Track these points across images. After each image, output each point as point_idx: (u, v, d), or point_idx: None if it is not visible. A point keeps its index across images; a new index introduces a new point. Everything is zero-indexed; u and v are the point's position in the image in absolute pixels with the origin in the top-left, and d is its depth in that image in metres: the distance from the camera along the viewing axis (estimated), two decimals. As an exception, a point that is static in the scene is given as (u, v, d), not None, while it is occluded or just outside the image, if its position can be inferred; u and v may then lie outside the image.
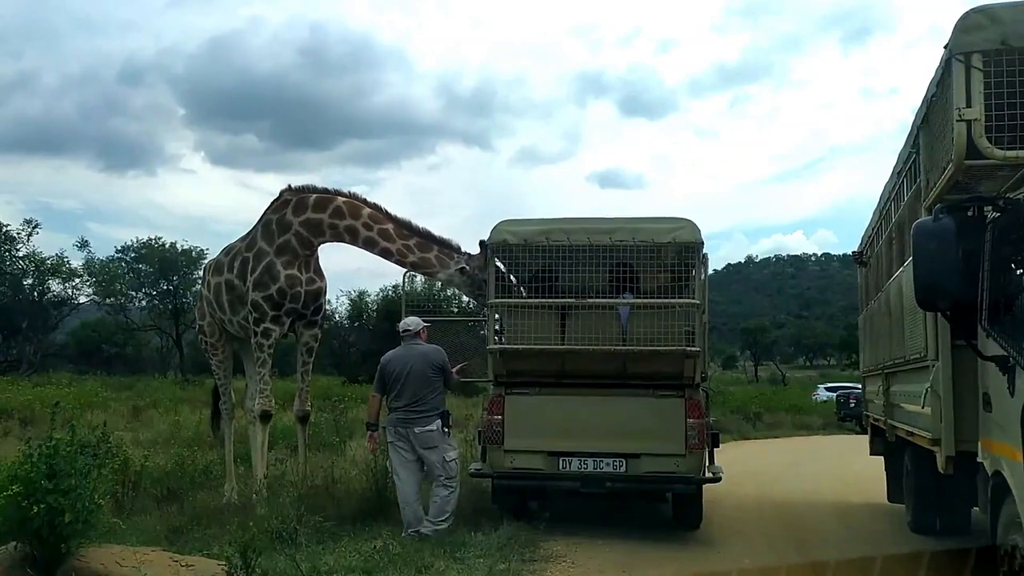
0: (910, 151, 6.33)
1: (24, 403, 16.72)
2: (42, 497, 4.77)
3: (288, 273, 7.84)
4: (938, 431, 5.22)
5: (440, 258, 7.68)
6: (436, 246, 7.73)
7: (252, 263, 7.95)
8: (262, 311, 7.82)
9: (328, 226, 7.79)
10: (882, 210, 8.07)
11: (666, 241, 7.07)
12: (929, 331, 5.43)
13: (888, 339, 7.38)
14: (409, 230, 7.76)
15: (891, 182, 7.46)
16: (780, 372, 57.02)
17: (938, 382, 5.21)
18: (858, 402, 23.10)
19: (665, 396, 7.13)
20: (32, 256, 37.85)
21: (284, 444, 11.23)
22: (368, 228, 7.73)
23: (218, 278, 8.42)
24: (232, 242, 8.61)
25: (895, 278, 6.84)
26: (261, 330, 7.87)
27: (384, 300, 33.74)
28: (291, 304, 7.87)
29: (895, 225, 7.16)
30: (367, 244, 7.76)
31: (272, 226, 7.94)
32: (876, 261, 8.52)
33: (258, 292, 7.83)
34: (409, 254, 7.70)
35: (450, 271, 7.67)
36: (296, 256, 7.88)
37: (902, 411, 6.93)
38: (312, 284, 8.02)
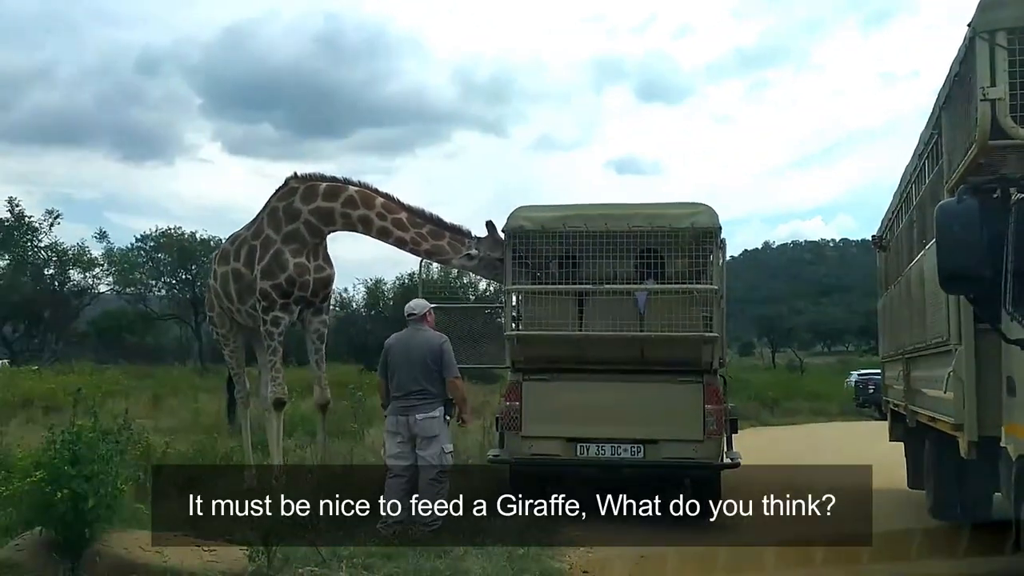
0: (931, 132, 6.24)
1: (47, 391, 16.90)
2: (66, 483, 4.84)
3: (297, 261, 7.85)
4: (961, 416, 5.13)
5: (453, 245, 7.69)
6: (448, 233, 7.74)
7: (259, 251, 7.95)
8: (271, 299, 7.84)
9: (340, 215, 7.79)
10: (902, 193, 7.93)
11: (684, 226, 7.03)
12: (952, 315, 5.32)
13: (909, 324, 7.26)
14: (422, 218, 7.76)
15: (912, 164, 7.35)
16: (798, 359, 56.73)
17: (961, 366, 5.11)
18: (877, 388, 23.04)
19: (683, 382, 7.11)
20: (54, 246, 38.22)
21: (302, 431, 11.31)
22: (382, 218, 7.73)
23: (225, 267, 8.43)
24: (237, 230, 8.62)
25: (916, 262, 6.73)
26: (270, 318, 7.89)
27: (401, 288, 33.81)
28: (300, 292, 7.90)
29: (916, 208, 7.06)
30: (381, 234, 7.76)
31: (279, 214, 7.94)
32: (896, 245, 8.38)
33: (266, 280, 7.85)
34: (423, 242, 7.71)
35: (462, 257, 7.68)
36: (305, 244, 7.89)
37: (923, 396, 6.84)
38: (321, 272, 8.05)
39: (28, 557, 5.01)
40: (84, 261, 39.13)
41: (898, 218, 8.26)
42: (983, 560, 4.90)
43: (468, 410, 6.71)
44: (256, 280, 7.94)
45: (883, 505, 8.55)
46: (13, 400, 16.44)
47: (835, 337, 75.73)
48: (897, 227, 8.33)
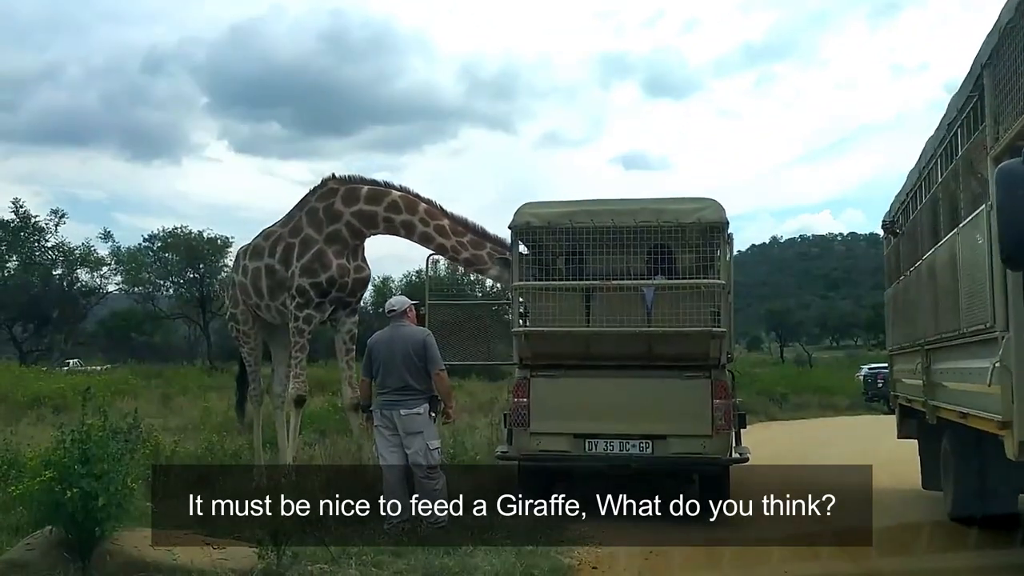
0: (968, 96, 5.73)
1: (56, 391, 16.97)
2: (75, 482, 4.84)
3: (339, 263, 7.98)
4: (1009, 412, 4.56)
5: (491, 255, 7.83)
6: (489, 243, 7.87)
7: (299, 249, 8.02)
8: (307, 297, 7.92)
9: (383, 219, 7.90)
10: (923, 170, 7.42)
11: (690, 221, 7.02)
12: (997, 298, 4.73)
13: (932, 312, 6.72)
14: (464, 227, 7.91)
15: (937, 137, 6.82)
16: (806, 353, 56.60)
17: (1010, 357, 4.52)
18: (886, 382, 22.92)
19: (691, 377, 7.10)
20: (60, 246, 38.35)
21: (311, 429, 11.32)
22: (424, 224, 7.85)
23: (257, 263, 8.44)
24: (270, 226, 8.63)
25: (945, 242, 6.18)
26: (303, 316, 7.97)
27: (408, 285, 33.89)
28: (338, 292, 8.02)
29: (941, 185, 6.62)
30: (423, 239, 7.89)
31: (320, 214, 8.01)
32: (914, 228, 7.87)
33: (306, 278, 7.92)
34: (463, 251, 7.84)
35: (499, 268, 7.80)
36: (346, 246, 8.01)
37: (947, 390, 6.41)
38: (360, 272, 8.21)
39: (39, 556, 5.03)
40: (92, 261, 39.25)
41: (916, 199, 7.78)
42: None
43: (453, 405, 6.69)
44: (293, 277, 8.00)
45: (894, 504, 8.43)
46: (23, 400, 16.51)
47: (843, 331, 75.55)
48: (914, 209, 7.85)
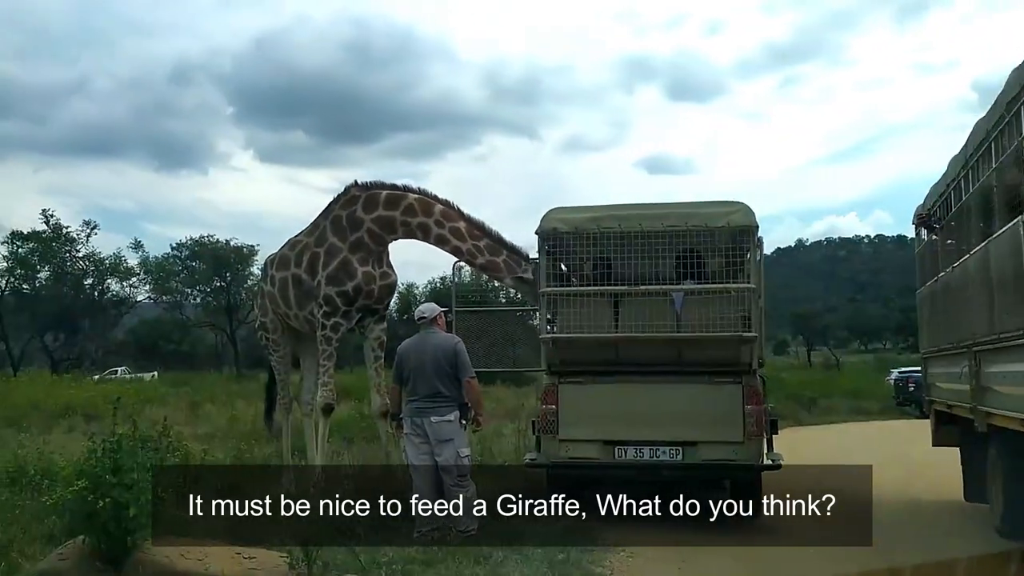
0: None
1: (87, 399, 17.16)
2: (107, 491, 4.86)
3: (364, 270, 7.94)
4: None
5: (508, 263, 7.74)
6: (506, 251, 7.79)
7: (324, 258, 8.01)
8: (334, 305, 7.90)
9: (401, 223, 7.87)
10: (972, 156, 6.93)
11: (720, 225, 6.93)
12: None
13: (985, 310, 6.26)
14: (481, 231, 7.82)
15: (992, 118, 6.35)
16: (834, 357, 56.03)
17: None
18: (918, 386, 22.57)
19: (722, 383, 7.01)
20: (91, 256, 38.88)
21: (338, 437, 11.32)
22: (440, 225, 7.79)
23: (284, 272, 8.46)
24: (295, 236, 8.64)
25: (1006, 232, 5.72)
26: (331, 324, 7.95)
27: (432, 292, 34.02)
28: (364, 301, 7.99)
29: (1001, 169, 6.12)
30: (438, 241, 7.83)
31: (343, 222, 8.00)
32: (959, 220, 7.39)
33: (332, 287, 7.91)
34: (479, 255, 7.76)
35: (515, 277, 7.72)
36: (370, 252, 7.98)
37: (1003, 395, 6.00)
38: (387, 279, 8.16)
39: (71, 566, 5.05)
40: (121, 271, 39.76)
41: (961, 189, 7.28)
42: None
43: (483, 412, 6.62)
44: (320, 286, 7.99)
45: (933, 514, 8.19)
46: (55, 408, 16.70)
47: (872, 335, 74.73)
48: (958, 199, 7.34)
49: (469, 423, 6.36)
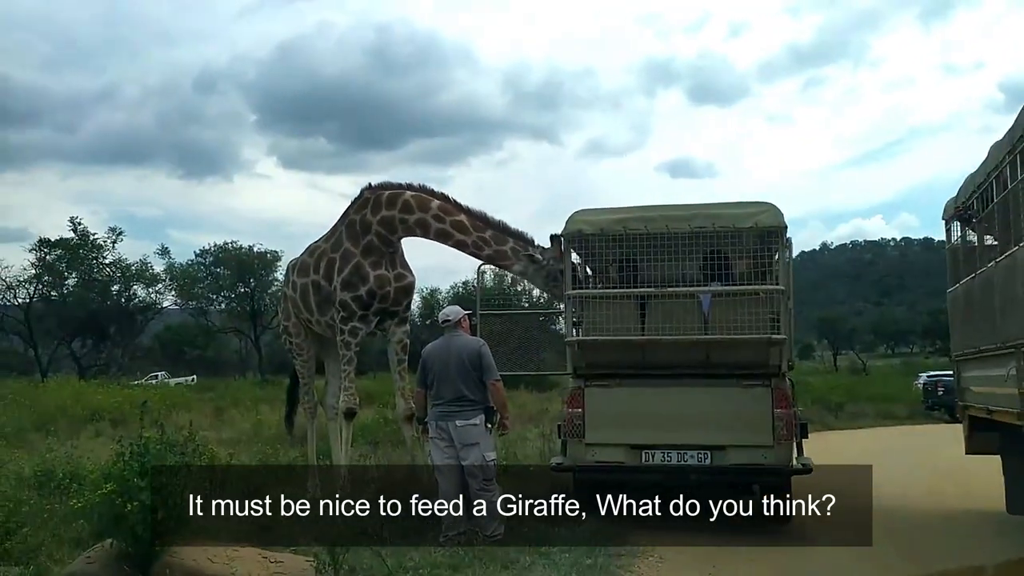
0: None
1: (114, 405, 17.29)
2: (135, 495, 4.87)
3: (377, 274, 7.89)
4: None
5: (515, 250, 7.58)
6: (511, 238, 7.63)
7: (339, 263, 7.99)
8: (350, 310, 7.87)
9: (399, 222, 7.78)
10: (1021, 140, 6.42)
11: (747, 226, 6.84)
12: None
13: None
14: (484, 222, 7.67)
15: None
16: (860, 361, 55.46)
17: None
18: (947, 390, 22.29)
19: (750, 386, 6.92)
20: (118, 263, 39.27)
21: (362, 441, 11.32)
22: (439, 220, 7.67)
23: (304, 279, 8.47)
24: (315, 242, 8.66)
25: None
26: (349, 328, 7.92)
27: (456, 297, 34.02)
28: (380, 304, 7.93)
29: None
30: (440, 236, 7.70)
31: (356, 227, 7.99)
32: (1005, 210, 6.92)
33: (347, 292, 7.88)
34: (485, 247, 7.62)
35: (524, 262, 7.56)
36: (382, 255, 7.92)
37: None
38: (402, 280, 8.08)
39: (99, 570, 5.05)
40: (147, 277, 40.14)
41: (1007, 177, 6.86)
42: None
43: (508, 416, 6.55)
44: (336, 292, 7.97)
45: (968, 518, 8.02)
46: (82, 414, 16.84)
47: (899, 338, 73.88)
48: (1000, 190, 6.99)
49: (495, 426, 6.30)
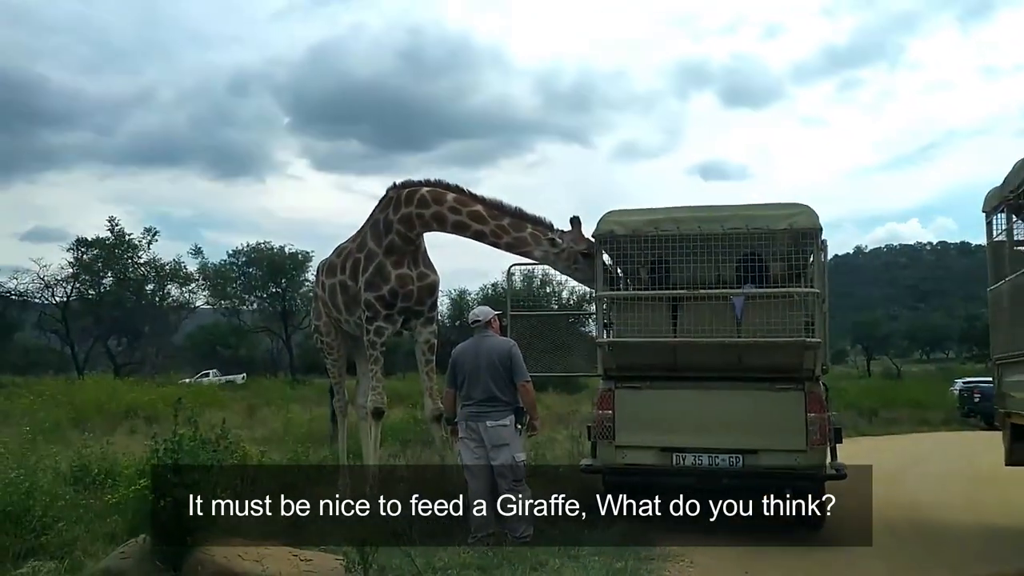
0: None
1: (148, 402, 17.52)
2: (168, 491, 4.91)
3: (399, 272, 7.86)
4: None
5: (535, 235, 7.46)
6: (530, 224, 7.51)
7: (364, 263, 8.01)
8: (375, 310, 7.88)
9: (416, 217, 7.73)
10: None
11: (782, 228, 6.74)
12: None
13: None
14: (500, 210, 7.57)
15: None
16: (895, 366, 54.64)
17: None
18: (984, 396, 21.86)
19: (783, 390, 6.82)
20: (152, 263, 39.79)
21: (392, 440, 11.35)
22: (455, 212, 7.59)
23: (332, 279, 8.52)
24: (343, 242, 8.70)
25: None
26: (374, 328, 7.93)
27: (484, 298, 34.03)
28: (403, 303, 7.90)
29: None
30: (457, 228, 7.62)
31: (380, 226, 7.99)
32: None
33: (370, 292, 7.89)
34: (503, 235, 7.51)
35: (544, 247, 7.45)
36: (403, 254, 7.90)
37: None
38: (425, 279, 8.02)
39: (133, 565, 5.11)
40: (181, 276, 40.61)
41: None
42: None
43: (538, 417, 6.50)
44: (361, 291, 8.00)
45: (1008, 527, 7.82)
46: (117, 411, 17.08)
47: (934, 344, 72.63)
48: None
49: (524, 427, 6.28)
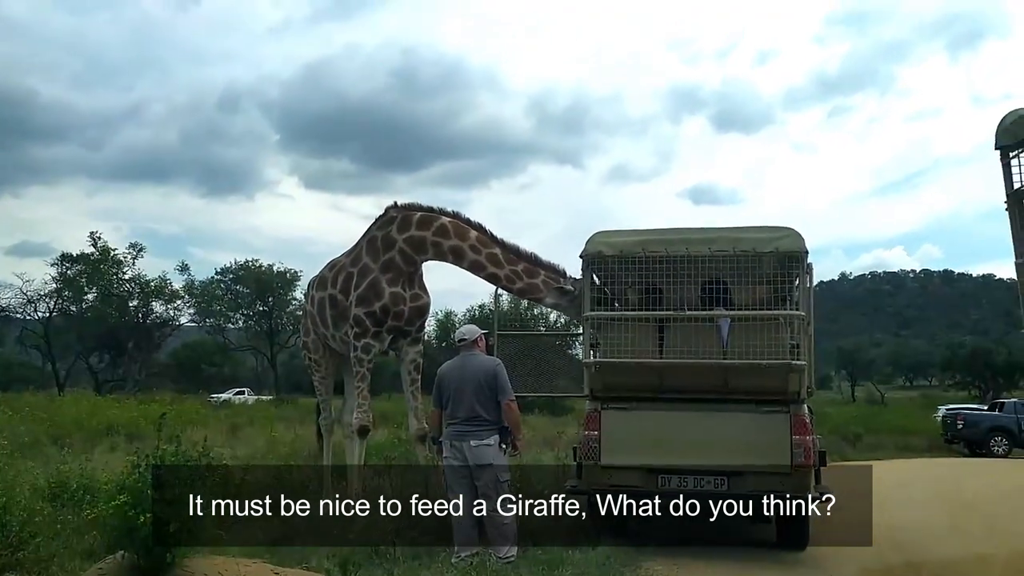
0: None
1: (130, 420, 17.33)
2: (148, 507, 4.85)
3: (392, 291, 7.89)
4: None
5: (547, 283, 7.65)
6: (543, 271, 7.71)
7: (356, 279, 8.01)
8: (363, 326, 7.87)
9: (432, 244, 7.81)
10: None
11: (768, 251, 6.79)
12: None
13: None
14: (517, 255, 7.74)
15: None
16: (879, 392, 54.84)
17: None
18: (966, 423, 22.09)
19: (769, 412, 6.84)
20: (137, 279, 39.59)
21: (376, 458, 11.26)
22: (476, 251, 7.74)
23: (322, 293, 8.52)
24: (336, 257, 8.70)
25: None
26: (361, 345, 7.91)
27: (471, 320, 34.05)
28: (393, 322, 7.91)
29: None
30: (473, 267, 7.76)
31: (377, 243, 8.01)
32: None
33: (361, 308, 7.88)
34: (517, 280, 7.69)
35: (555, 295, 7.62)
36: (400, 273, 7.93)
37: None
38: (418, 300, 8.07)
39: (111, 581, 5.03)
40: (166, 293, 40.40)
41: None
42: None
43: (522, 436, 6.47)
44: (351, 307, 7.98)
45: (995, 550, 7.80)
46: (98, 428, 16.88)
47: (917, 371, 73.05)
48: None
49: (508, 447, 6.23)
